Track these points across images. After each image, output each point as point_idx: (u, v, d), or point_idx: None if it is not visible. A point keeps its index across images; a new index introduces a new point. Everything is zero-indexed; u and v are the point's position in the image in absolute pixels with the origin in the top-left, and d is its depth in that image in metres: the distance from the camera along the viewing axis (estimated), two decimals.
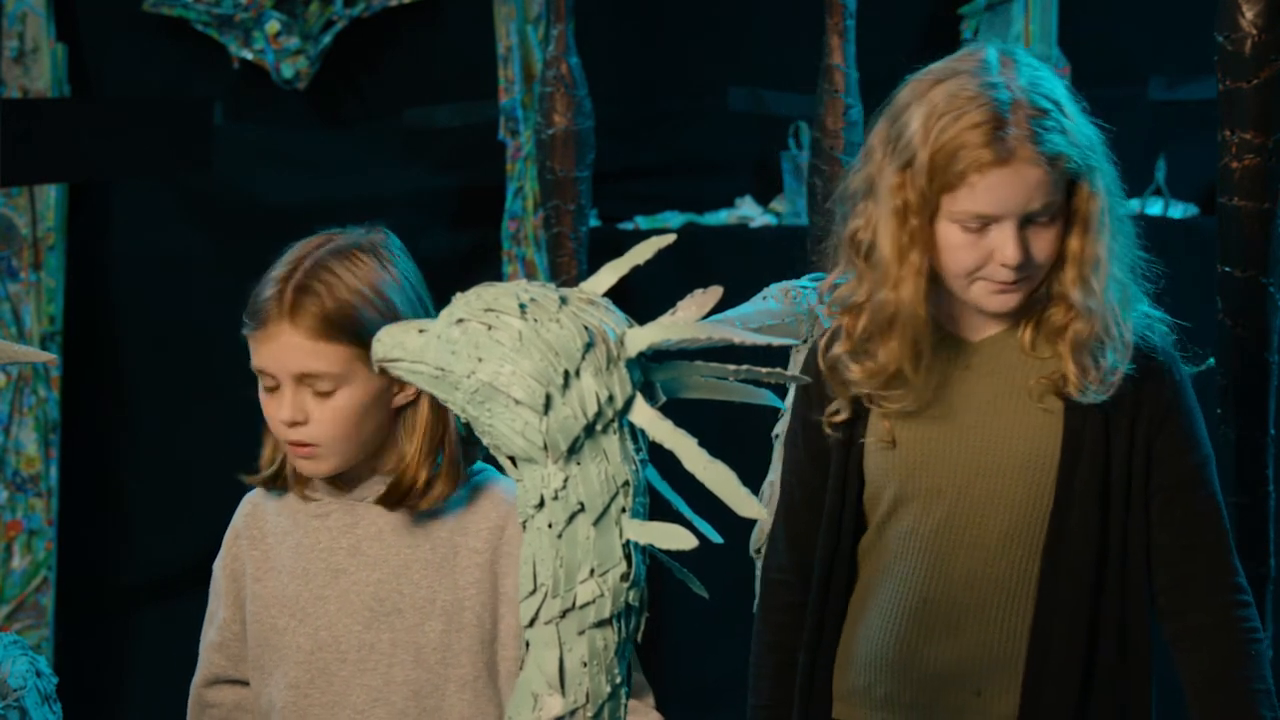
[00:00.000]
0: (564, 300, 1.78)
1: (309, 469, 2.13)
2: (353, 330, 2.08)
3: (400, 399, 2.13)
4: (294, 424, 2.09)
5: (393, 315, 2.08)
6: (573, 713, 1.81)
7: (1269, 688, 2.12)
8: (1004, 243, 2.08)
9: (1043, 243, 2.10)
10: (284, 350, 2.08)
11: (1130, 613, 2.16)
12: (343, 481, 2.18)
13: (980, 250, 2.10)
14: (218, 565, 2.24)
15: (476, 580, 2.16)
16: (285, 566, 2.18)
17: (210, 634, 2.24)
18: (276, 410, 2.10)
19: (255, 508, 2.23)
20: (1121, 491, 2.14)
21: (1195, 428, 2.16)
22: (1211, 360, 2.27)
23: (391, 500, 2.15)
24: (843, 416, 2.22)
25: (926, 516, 2.20)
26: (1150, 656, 2.18)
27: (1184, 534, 2.14)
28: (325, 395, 2.09)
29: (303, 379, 2.09)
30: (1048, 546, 2.15)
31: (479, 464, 2.22)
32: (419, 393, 2.11)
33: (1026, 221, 2.09)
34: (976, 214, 2.09)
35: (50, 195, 4.21)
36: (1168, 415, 2.14)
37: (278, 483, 2.20)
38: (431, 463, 2.15)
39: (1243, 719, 2.11)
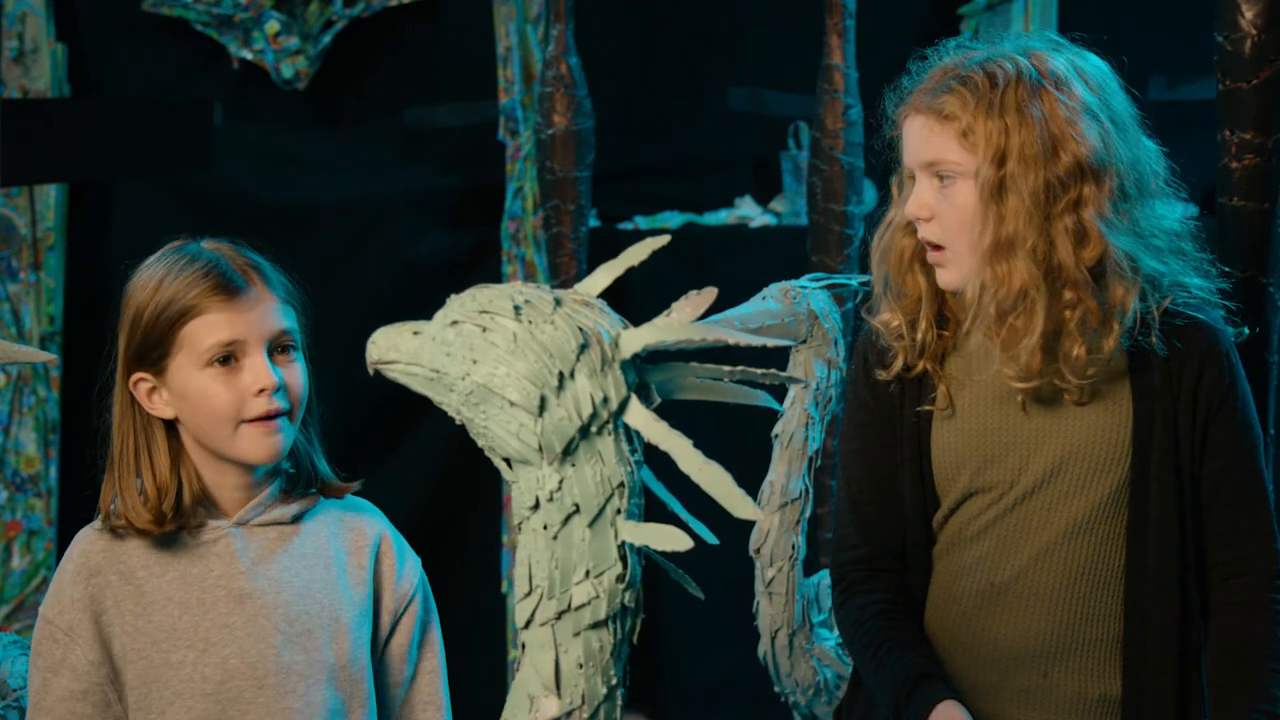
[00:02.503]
0: (559, 302, 1.78)
1: (276, 446, 2.13)
2: (298, 301, 2.18)
3: None
4: (278, 387, 2.12)
5: (306, 300, 2.20)
6: (569, 714, 1.81)
7: None
8: (912, 196, 2.19)
9: (950, 203, 2.15)
10: (265, 313, 2.13)
11: (1192, 601, 2.21)
12: (213, 509, 2.18)
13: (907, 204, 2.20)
14: (61, 611, 2.13)
15: (366, 595, 2.19)
16: (173, 598, 2.13)
17: (62, 684, 2.12)
18: (254, 380, 2.11)
19: (109, 546, 2.17)
20: (1190, 475, 2.19)
21: (1248, 413, 2.20)
22: (1246, 330, 2.28)
23: (325, 491, 2.20)
24: (897, 367, 2.26)
25: (997, 505, 2.24)
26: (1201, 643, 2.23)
27: (1229, 516, 2.19)
28: (289, 355, 2.15)
29: (274, 341, 2.13)
30: (1130, 534, 2.19)
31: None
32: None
33: (939, 178, 2.16)
34: (904, 165, 2.21)
35: (50, 195, 4.22)
36: (1224, 402, 2.18)
37: (161, 525, 2.15)
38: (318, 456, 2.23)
39: (1254, 690, 2.14)
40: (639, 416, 1.77)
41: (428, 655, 2.24)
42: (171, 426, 2.17)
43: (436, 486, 4.21)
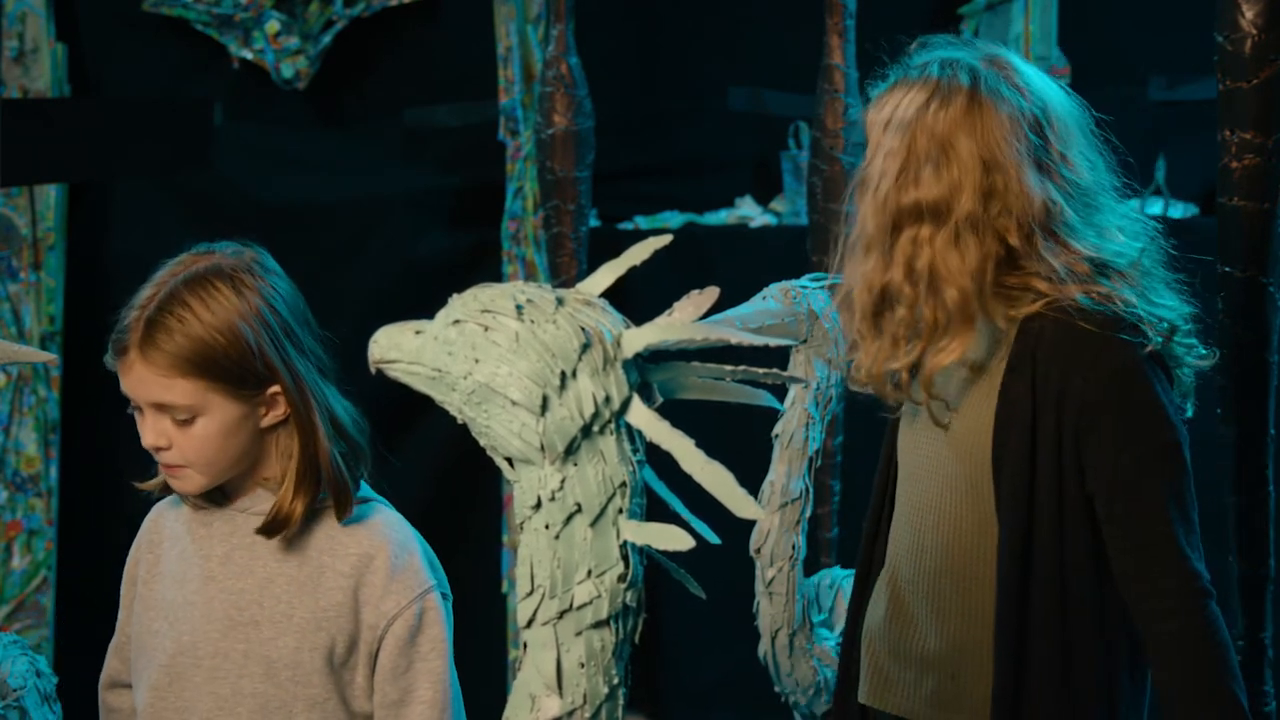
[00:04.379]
0: (560, 301, 1.78)
1: (178, 487, 2.17)
2: (202, 366, 2.09)
3: (268, 419, 2.15)
4: (157, 448, 2.13)
5: (244, 349, 2.10)
6: (570, 713, 1.81)
7: (1231, 691, 2.09)
8: None
9: None
10: (138, 382, 2.11)
11: (1068, 604, 2.15)
12: (224, 493, 2.20)
13: None
14: (125, 571, 2.29)
15: (338, 603, 2.16)
16: (169, 572, 2.21)
17: (115, 637, 2.31)
18: (141, 434, 2.14)
19: (159, 515, 2.27)
20: (1053, 485, 2.13)
21: (1137, 421, 2.12)
22: (1207, 352, 2.23)
23: (269, 531, 2.16)
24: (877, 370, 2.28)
25: (904, 503, 2.26)
26: (1094, 653, 2.16)
27: (1128, 534, 2.12)
28: (184, 423, 2.11)
29: (160, 408, 2.11)
30: (999, 540, 2.16)
31: (372, 493, 2.23)
32: (288, 413, 2.14)
33: None
34: None
35: (50, 195, 4.21)
36: (1098, 413, 2.11)
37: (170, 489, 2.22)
38: (309, 492, 2.15)
39: None
40: (641, 416, 1.77)
41: (423, 685, 2.17)
42: None
43: (436, 486, 4.21)
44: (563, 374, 1.75)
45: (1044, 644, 2.14)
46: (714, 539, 1.80)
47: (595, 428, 1.76)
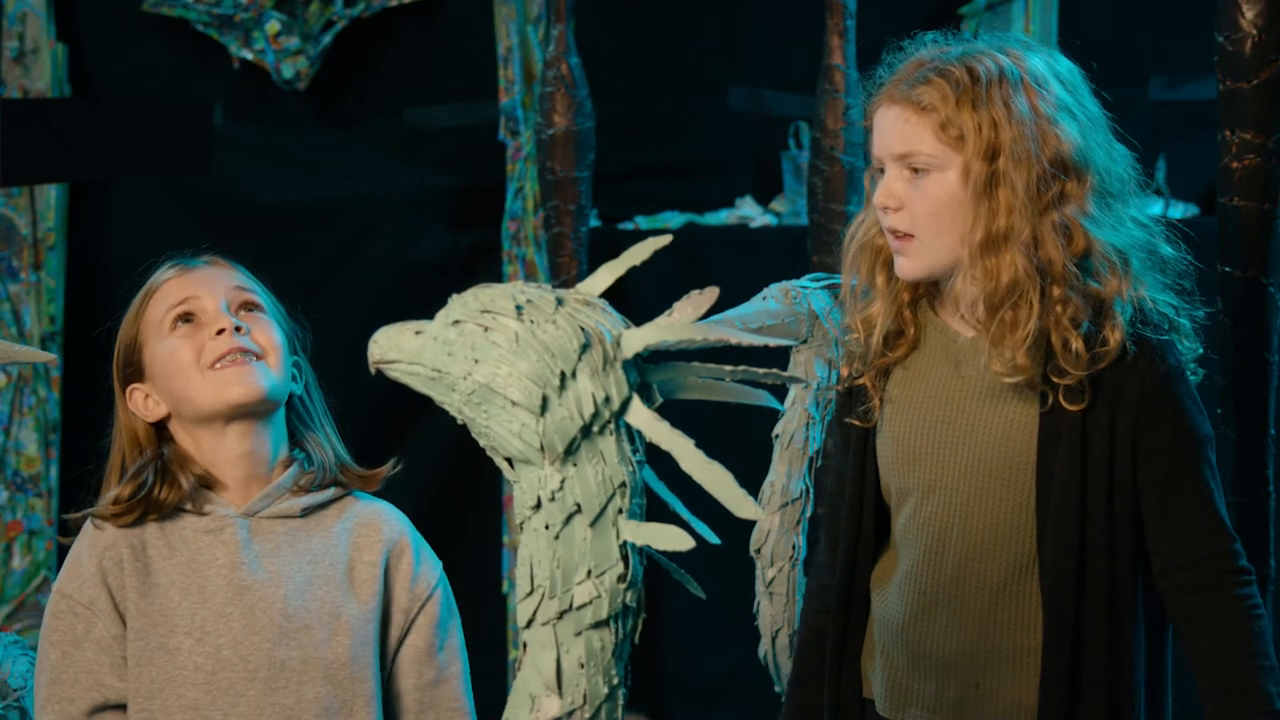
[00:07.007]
0: (560, 301, 1.78)
1: (248, 379, 2.16)
2: (265, 286, 2.27)
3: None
4: (235, 329, 2.16)
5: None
6: (570, 714, 1.81)
7: (1274, 663, 2.12)
8: (880, 185, 2.17)
9: (921, 194, 2.14)
10: (214, 277, 2.21)
11: (1120, 610, 2.16)
12: (233, 491, 2.19)
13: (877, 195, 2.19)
14: (81, 586, 2.14)
15: (373, 595, 2.19)
16: (175, 583, 2.14)
17: (87, 657, 2.13)
18: (212, 325, 2.16)
19: (109, 532, 2.19)
20: (1103, 488, 2.14)
21: (1183, 418, 2.14)
22: (1201, 372, 2.24)
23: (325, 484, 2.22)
24: (847, 384, 2.28)
25: (921, 510, 2.22)
26: (1136, 657, 2.17)
27: (1178, 525, 2.14)
28: (255, 313, 2.21)
29: (235, 295, 2.21)
30: (1038, 544, 2.16)
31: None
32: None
33: (912, 170, 2.14)
34: (874, 156, 2.19)
35: (50, 195, 4.22)
36: (1150, 412, 2.13)
37: (146, 515, 2.17)
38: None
39: (1248, 694, 2.10)
40: (641, 416, 1.77)
41: (452, 661, 2.24)
42: (164, 436, 2.23)
43: (437, 486, 4.21)
44: (562, 374, 1.75)
45: (1096, 651, 2.15)
46: (714, 539, 1.80)
47: (595, 428, 1.76)
